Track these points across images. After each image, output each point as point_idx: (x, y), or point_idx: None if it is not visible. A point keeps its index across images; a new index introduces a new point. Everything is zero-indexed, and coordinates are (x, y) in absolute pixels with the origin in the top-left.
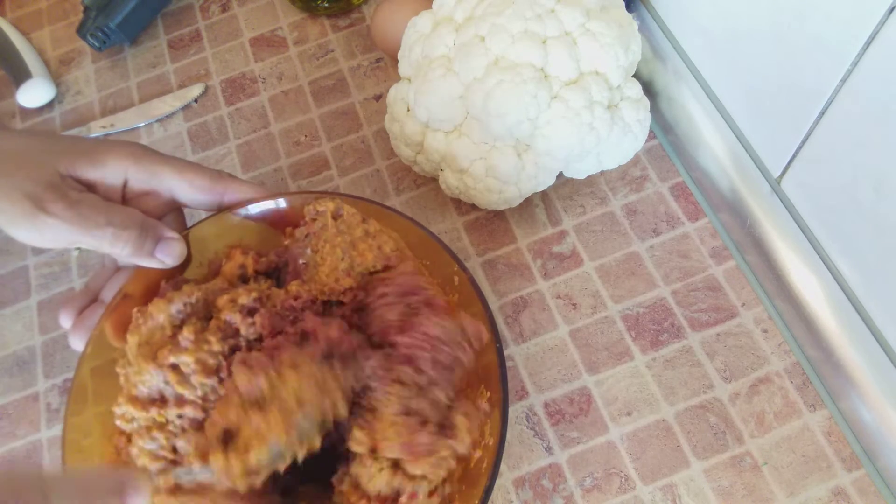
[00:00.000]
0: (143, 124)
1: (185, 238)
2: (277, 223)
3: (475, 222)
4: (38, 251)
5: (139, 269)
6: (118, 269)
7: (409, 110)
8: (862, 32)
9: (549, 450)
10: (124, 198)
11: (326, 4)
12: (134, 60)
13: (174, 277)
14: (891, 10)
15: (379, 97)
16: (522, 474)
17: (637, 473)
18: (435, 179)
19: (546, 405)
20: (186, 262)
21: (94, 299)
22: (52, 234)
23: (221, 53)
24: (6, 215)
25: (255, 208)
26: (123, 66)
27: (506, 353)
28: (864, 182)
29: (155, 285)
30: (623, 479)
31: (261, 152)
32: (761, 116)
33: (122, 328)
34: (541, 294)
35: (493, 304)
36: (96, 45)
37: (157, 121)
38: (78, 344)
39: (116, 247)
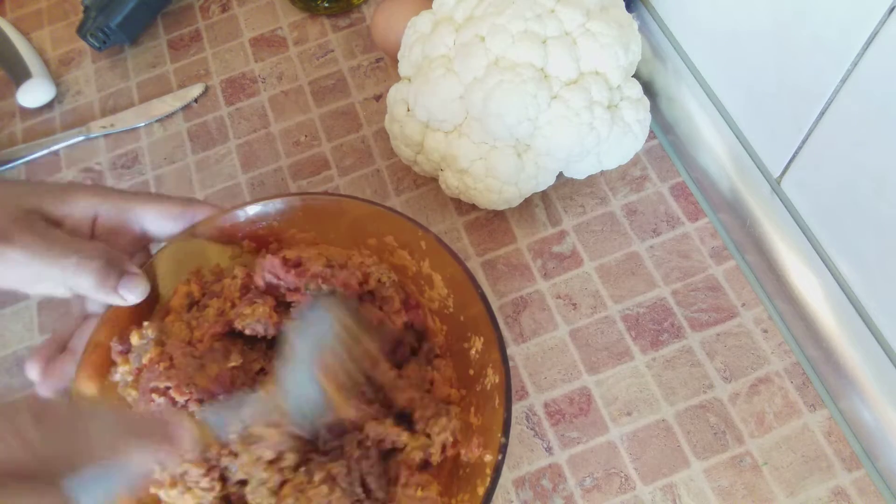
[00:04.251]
0: (143, 124)
1: (150, 269)
2: (230, 238)
3: (475, 222)
4: None
5: (107, 315)
6: (86, 317)
7: (409, 110)
8: (862, 32)
9: (549, 450)
10: (93, 235)
11: (326, 4)
12: (134, 60)
13: (142, 319)
14: (891, 10)
15: (379, 97)
16: (522, 474)
17: (637, 473)
18: (435, 179)
19: (546, 405)
20: (153, 302)
21: (62, 349)
22: (17, 267)
23: (221, 53)
24: None
25: (202, 226)
26: (123, 66)
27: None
28: (864, 182)
29: (124, 332)
30: (623, 479)
31: (261, 152)
32: (761, 116)
33: (94, 374)
34: (541, 294)
35: (493, 304)
36: (96, 45)
37: (157, 121)
38: (48, 395)
39: (81, 276)
